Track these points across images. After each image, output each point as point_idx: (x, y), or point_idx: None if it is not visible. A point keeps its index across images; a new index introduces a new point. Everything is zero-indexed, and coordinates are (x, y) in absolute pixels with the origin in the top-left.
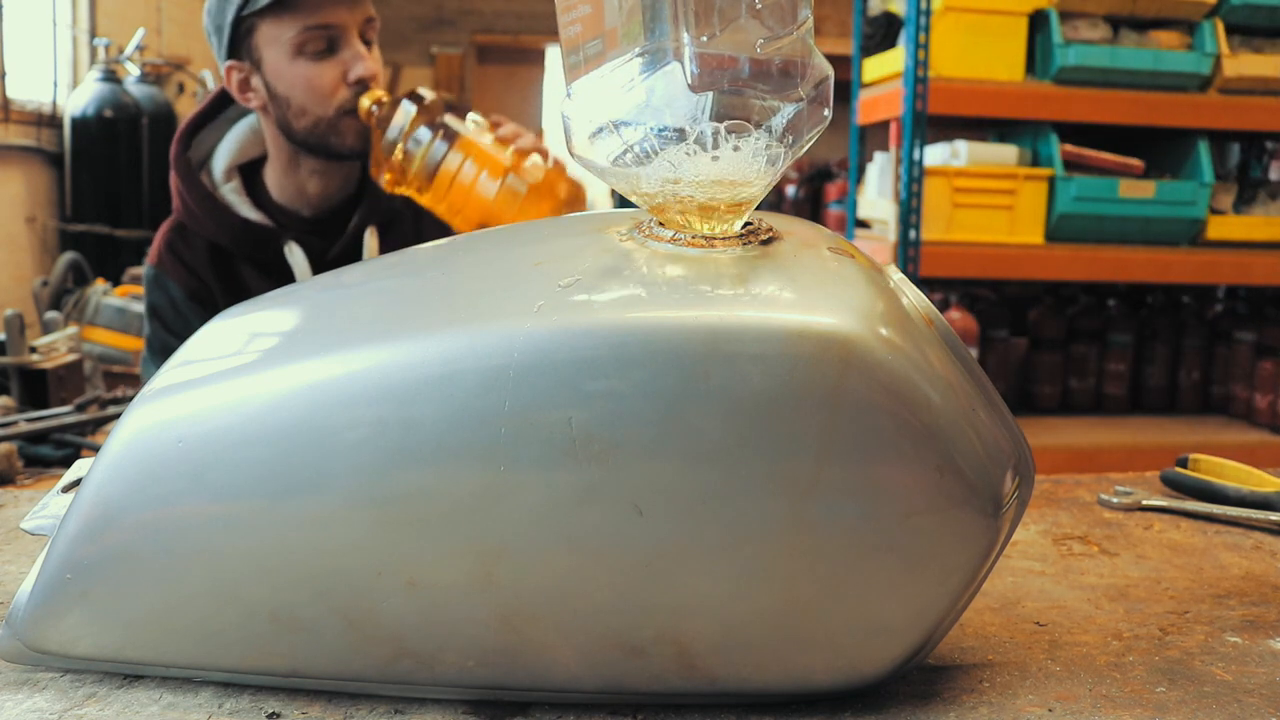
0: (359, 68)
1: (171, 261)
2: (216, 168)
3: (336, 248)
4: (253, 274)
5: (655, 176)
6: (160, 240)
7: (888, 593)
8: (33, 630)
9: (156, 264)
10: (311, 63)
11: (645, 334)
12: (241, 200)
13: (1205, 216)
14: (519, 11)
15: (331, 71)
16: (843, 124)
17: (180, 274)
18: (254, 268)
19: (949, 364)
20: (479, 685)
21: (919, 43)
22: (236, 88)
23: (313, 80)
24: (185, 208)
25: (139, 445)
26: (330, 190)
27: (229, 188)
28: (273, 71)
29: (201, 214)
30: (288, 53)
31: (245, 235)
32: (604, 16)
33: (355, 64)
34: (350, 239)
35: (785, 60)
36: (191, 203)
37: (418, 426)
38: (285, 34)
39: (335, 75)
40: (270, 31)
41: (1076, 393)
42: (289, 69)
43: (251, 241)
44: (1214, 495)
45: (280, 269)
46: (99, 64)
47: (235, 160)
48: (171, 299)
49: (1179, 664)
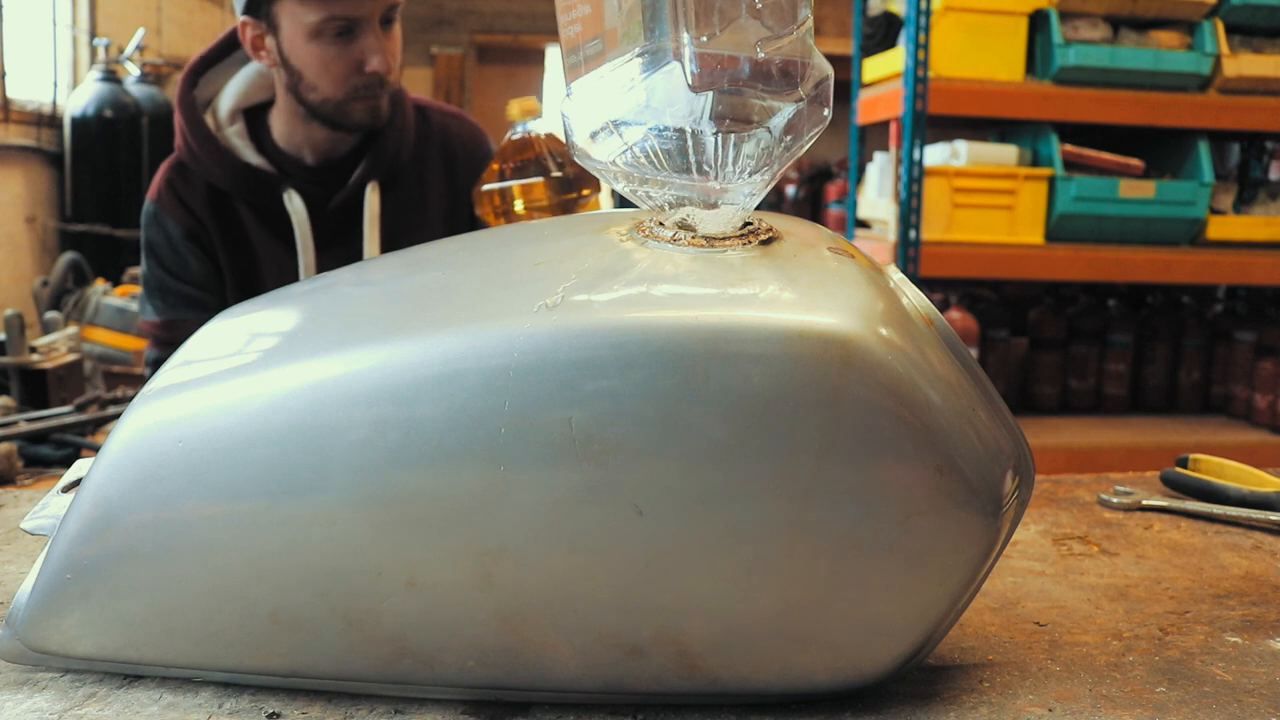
0: (375, 60)
1: (170, 200)
2: (222, 109)
3: (337, 199)
4: (251, 217)
5: (655, 175)
6: (161, 177)
7: (888, 593)
8: (33, 630)
9: (155, 200)
10: (328, 45)
11: (645, 334)
12: (245, 144)
13: (1205, 216)
14: (519, 11)
15: (347, 57)
16: (843, 124)
17: (179, 212)
18: (252, 211)
19: (949, 364)
20: (479, 685)
21: (919, 43)
22: (249, 44)
23: (328, 64)
24: (187, 147)
25: (139, 445)
26: (335, 142)
27: (233, 130)
28: (289, 43)
29: (203, 155)
30: (305, 32)
31: (245, 179)
32: (604, 16)
33: (371, 55)
34: (352, 192)
35: (785, 60)
36: (193, 143)
37: (418, 426)
38: (307, 16)
39: (350, 61)
40: (292, 8)
41: (1076, 393)
42: (304, 47)
43: (251, 186)
44: (1214, 495)
45: (279, 215)
46: (99, 64)
47: (241, 103)
48: (169, 236)
49: (1179, 664)
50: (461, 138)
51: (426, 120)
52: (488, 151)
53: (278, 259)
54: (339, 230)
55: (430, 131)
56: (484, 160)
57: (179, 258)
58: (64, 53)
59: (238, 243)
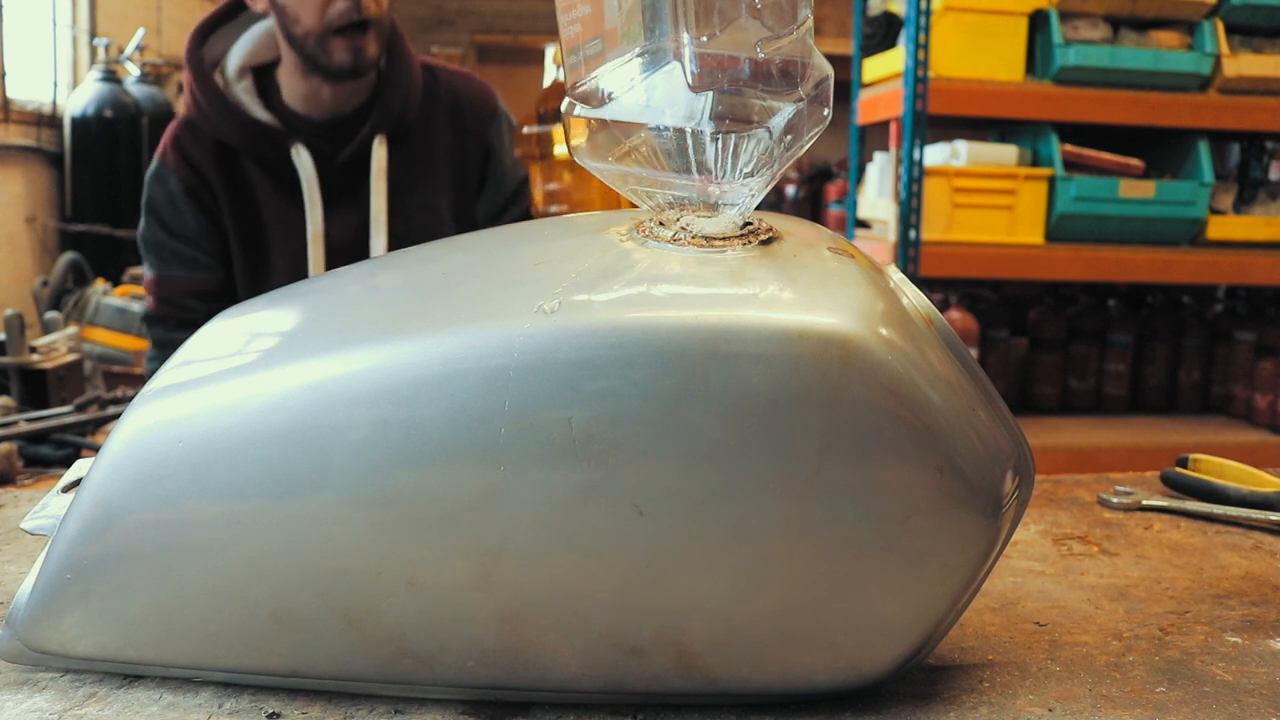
0: None
1: (175, 157)
2: (230, 66)
3: (345, 153)
4: (258, 174)
5: (655, 175)
6: (168, 136)
7: (888, 593)
8: (33, 630)
9: (160, 158)
10: None
11: (645, 334)
12: (252, 100)
13: (1205, 216)
14: (519, 11)
15: None
16: (843, 124)
17: (181, 170)
18: (260, 168)
19: (949, 364)
20: (479, 685)
21: (919, 43)
22: None
23: None
24: (195, 104)
25: (139, 445)
26: (342, 98)
27: (240, 87)
28: None
29: (211, 111)
30: None
31: (253, 134)
32: (604, 16)
33: None
34: (359, 146)
35: (785, 60)
36: (202, 100)
37: (418, 427)
38: None
39: None
40: None
41: (1076, 393)
42: None
43: (259, 141)
44: (1214, 495)
45: (286, 171)
46: (99, 64)
47: (249, 61)
48: (169, 192)
49: (1179, 664)
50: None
51: (434, 79)
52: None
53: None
54: (347, 185)
55: (438, 90)
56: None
57: (177, 213)
58: (64, 53)
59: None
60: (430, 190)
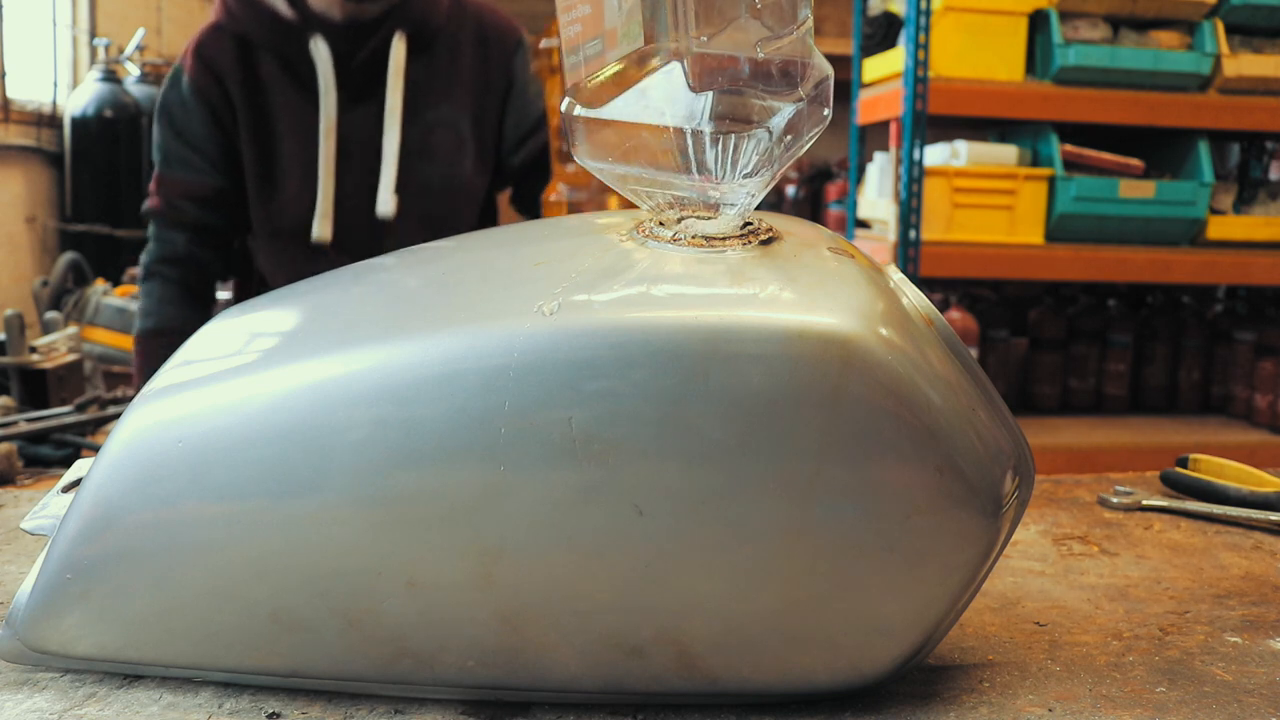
0: None
1: (193, 62)
2: None
3: (364, 51)
4: (276, 71)
5: (655, 175)
6: (192, 42)
7: (888, 593)
8: (33, 630)
9: (180, 62)
10: None
11: (645, 334)
12: None
13: (1205, 216)
14: (519, 11)
15: None
16: (843, 124)
17: (198, 73)
18: (278, 63)
19: (949, 364)
20: (479, 685)
21: (919, 43)
22: None
23: None
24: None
25: (139, 445)
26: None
27: None
28: None
29: (237, 8)
30: None
31: (273, 27)
32: (604, 16)
33: None
34: (378, 44)
35: (785, 60)
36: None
37: (418, 426)
38: None
39: None
40: None
41: (1076, 393)
42: None
43: (278, 34)
44: (1214, 495)
45: (304, 64)
46: (99, 64)
47: None
48: (181, 93)
49: (1179, 664)
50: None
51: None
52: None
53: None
54: (364, 86)
55: (465, 16)
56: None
57: (186, 113)
58: (64, 53)
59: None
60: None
